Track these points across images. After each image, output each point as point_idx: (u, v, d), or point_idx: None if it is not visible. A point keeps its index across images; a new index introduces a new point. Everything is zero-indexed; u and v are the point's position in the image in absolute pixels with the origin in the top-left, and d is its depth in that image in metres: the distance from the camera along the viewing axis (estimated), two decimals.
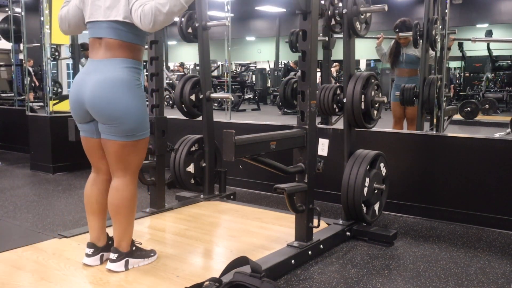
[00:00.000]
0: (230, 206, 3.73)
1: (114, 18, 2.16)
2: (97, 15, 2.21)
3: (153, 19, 2.03)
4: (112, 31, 2.18)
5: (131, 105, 2.21)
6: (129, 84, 2.21)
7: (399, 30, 5.05)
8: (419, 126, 4.58)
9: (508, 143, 3.43)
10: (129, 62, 2.23)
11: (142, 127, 2.29)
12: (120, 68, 2.20)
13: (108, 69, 2.19)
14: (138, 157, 2.34)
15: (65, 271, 2.44)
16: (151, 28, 2.08)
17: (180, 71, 17.63)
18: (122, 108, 2.18)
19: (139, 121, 2.26)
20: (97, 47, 2.24)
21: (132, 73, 2.23)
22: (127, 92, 2.19)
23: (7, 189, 4.58)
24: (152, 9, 2.02)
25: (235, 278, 2.12)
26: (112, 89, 2.17)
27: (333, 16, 3.18)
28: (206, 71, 3.88)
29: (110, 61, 2.20)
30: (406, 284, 2.51)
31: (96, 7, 2.21)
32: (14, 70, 8.04)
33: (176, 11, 2.06)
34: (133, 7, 2.09)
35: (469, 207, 3.48)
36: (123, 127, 2.21)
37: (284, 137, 2.67)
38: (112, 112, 2.18)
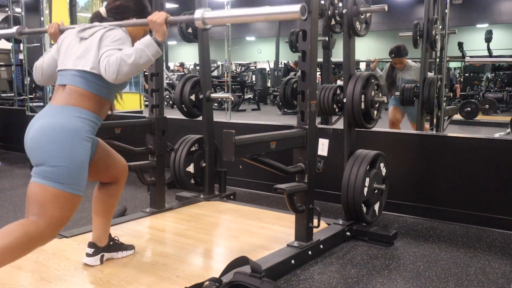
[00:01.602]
0: (230, 206, 3.73)
1: (82, 67, 2.07)
2: (67, 63, 2.13)
3: (117, 70, 1.92)
4: (78, 79, 2.07)
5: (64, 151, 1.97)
6: (73, 132, 2.00)
7: (394, 55, 5.05)
8: (419, 126, 4.58)
9: (508, 143, 3.43)
10: (85, 113, 2.05)
11: (71, 179, 1.98)
12: (71, 116, 2.02)
13: (58, 115, 2.02)
14: (57, 211, 1.97)
15: (65, 271, 2.44)
16: (115, 79, 1.94)
17: (180, 71, 17.63)
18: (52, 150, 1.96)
19: (68, 170, 1.97)
20: (59, 93, 2.11)
21: (83, 124, 2.03)
22: (66, 139, 1.98)
23: (7, 189, 4.58)
24: (117, 60, 1.93)
25: (235, 278, 2.12)
26: (50, 133, 1.98)
27: (333, 16, 3.18)
28: (206, 71, 3.88)
29: (64, 107, 2.04)
30: (406, 284, 2.51)
31: (68, 56, 2.14)
32: (14, 70, 8.04)
33: (141, 63, 1.96)
34: (100, 58, 2.00)
35: (469, 207, 3.48)
36: (48, 168, 1.96)
37: (284, 137, 2.67)
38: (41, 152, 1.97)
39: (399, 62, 5.06)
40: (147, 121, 3.48)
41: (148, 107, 3.57)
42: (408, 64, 5.07)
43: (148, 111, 3.57)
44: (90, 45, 2.08)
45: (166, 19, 2.03)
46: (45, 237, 2.00)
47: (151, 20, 2.05)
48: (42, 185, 1.96)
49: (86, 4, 8.99)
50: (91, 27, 2.14)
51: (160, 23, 2.03)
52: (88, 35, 2.11)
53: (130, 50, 1.96)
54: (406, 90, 4.69)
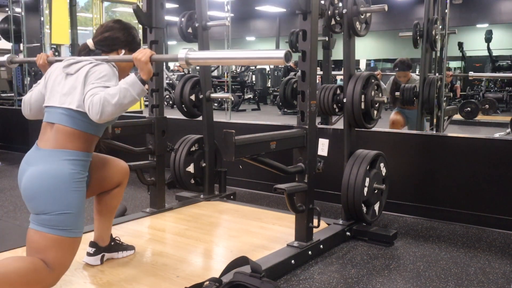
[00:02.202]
0: (230, 206, 3.73)
1: (68, 106, 2.03)
2: (54, 100, 2.09)
3: (100, 110, 1.88)
4: (65, 118, 2.03)
5: (59, 201, 1.96)
6: (65, 178, 1.98)
7: (398, 69, 5.04)
8: (419, 126, 4.58)
9: (508, 143, 3.43)
10: (74, 154, 2.02)
11: (69, 224, 1.98)
12: (60, 161, 1.99)
13: (47, 161, 1.99)
14: (59, 256, 1.97)
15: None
16: (99, 119, 1.90)
17: (180, 71, 17.63)
18: (48, 201, 1.95)
19: (65, 216, 1.97)
20: (47, 132, 2.08)
21: (73, 166, 2.01)
22: (59, 188, 1.97)
23: (7, 189, 4.58)
24: (100, 100, 1.88)
25: (235, 278, 2.12)
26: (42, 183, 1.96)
27: (333, 16, 3.18)
28: (206, 71, 3.88)
29: (53, 152, 2.01)
30: (406, 284, 2.51)
31: (54, 92, 2.10)
32: (14, 70, 8.04)
33: (125, 103, 1.92)
34: (85, 96, 1.96)
35: (469, 207, 3.48)
36: (45, 217, 1.95)
37: (284, 137, 2.67)
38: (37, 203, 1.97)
39: (403, 75, 5.04)
40: (147, 121, 3.48)
41: (148, 107, 3.56)
42: (412, 77, 5.04)
43: (148, 111, 3.57)
44: (76, 81, 2.03)
45: (150, 57, 1.99)
46: (49, 280, 1.98)
47: (135, 58, 2.01)
48: (42, 233, 1.95)
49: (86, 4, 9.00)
50: (77, 62, 2.08)
51: (144, 61, 1.98)
52: (74, 71, 2.05)
53: (114, 90, 1.91)
54: (406, 90, 4.69)
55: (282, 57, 1.75)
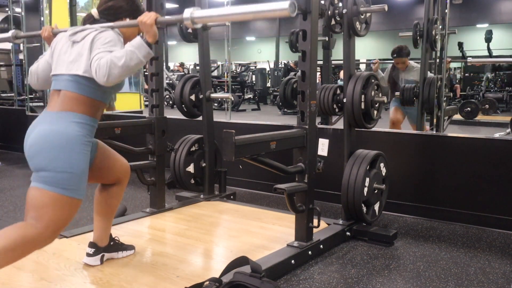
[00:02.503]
0: (230, 206, 3.73)
1: (75, 72, 2.08)
2: (61, 68, 2.14)
3: (107, 72, 1.92)
4: (71, 84, 2.08)
5: (63, 158, 1.99)
6: (71, 138, 2.02)
7: (396, 56, 5.05)
8: (419, 126, 4.58)
9: (508, 143, 3.43)
10: (81, 117, 2.07)
11: (71, 184, 2.00)
12: (67, 122, 2.04)
13: (55, 121, 2.04)
14: (56, 214, 1.98)
15: (65, 271, 2.44)
16: (106, 81, 1.94)
17: (180, 71, 17.63)
18: (52, 157, 1.98)
19: (68, 175, 1.99)
20: (55, 99, 2.12)
21: (80, 128, 2.05)
22: (65, 146, 2.00)
23: (7, 189, 4.58)
24: (107, 62, 1.93)
25: (235, 278, 2.12)
26: (49, 139, 1.99)
27: (333, 16, 3.18)
28: (206, 71, 3.88)
29: (60, 114, 2.06)
30: (406, 284, 2.51)
31: (61, 61, 2.15)
32: (14, 70, 8.04)
33: (132, 65, 1.96)
34: (92, 60, 2.00)
35: (469, 207, 3.48)
36: (47, 174, 1.98)
37: (284, 137, 2.67)
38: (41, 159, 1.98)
39: (401, 62, 5.05)
40: (147, 121, 3.48)
41: (148, 107, 3.57)
42: (410, 65, 5.06)
43: (148, 111, 3.57)
44: (82, 48, 2.07)
45: (155, 19, 2.02)
46: (43, 241, 2.00)
47: (140, 21, 2.03)
48: (42, 190, 1.97)
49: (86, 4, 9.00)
50: (83, 30, 2.12)
51: (150, 24, 2.01)
52: (80, 38, 2.10)
53: (121, 53, 1.95)
54: (406, 90, 4.69)
55: (286, 8, 1.73)
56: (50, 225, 1.98)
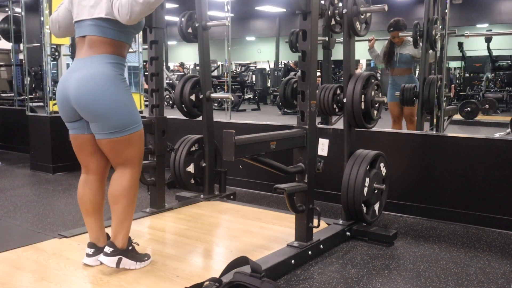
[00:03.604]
0: (230, 206, 3.73)
1: (97, 15, 2.20)
2: (82, 14, 2.26)
3: (129, 10, 2.07)
4: (95, 28, 2.22)
5: (115, 99, 2.22)
6: (112, 78, 2.23)
7: (393, 29, 5.06)
8: (419, 126, 4.58)
9: (508, 143, 3.43)
10: (112, 58, 2.25)
11: (131, 121, 2.29)
12: (103, 64, 2.22)
13: (91, 65, 2.21)
14: (134, 151, 2.34)
15: (65, 271, 2.44)
16: (129, 20, 2.10)
17: (180, 71, 17.63)
18: (106, 103, 2.20)
19: (126, 115, 2.27)
20: (81, 45, 2.28)
21: (115, 68, 2.25)
22: (110, 86, 2.21)
23: (7, 189, 4.58)
24: (129, 1, 2.07)
25: (235, 278, 2.12)
26: (94, 84, 2.19)
27: (333, 16, 3.18)
28: (206, 71, 3.88)
29: (93, 58, 2.22)
30: (406, 284, 2.51)
31: (82, 7, 2.26)
32: (14, 70, 8.04)
33: (152, 1, 2.09)
34: (113, 1, 2.14)
35: (469, 207, 3.48)
36: (110, 123, 2.23)
37: (284, 137, 2.67)
38: (97, 107, 2.20)
39: (398, 36, 5.06)
40: (147, 121, 3.48)
41: (148, 107, 3.56)
42: (406, 39, 5.08)
43: (148, 111, 3.57)
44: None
45: None
46: (138, 176, 2.41)
47: None
48: (114, 139, 2.25)
49: None
50: None
51: None
52: None
53: None
54: (406, 90, 4.69)
55: None
56: (135, 161, 2.36)
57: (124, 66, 2.33)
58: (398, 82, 5.09)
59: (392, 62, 5.16)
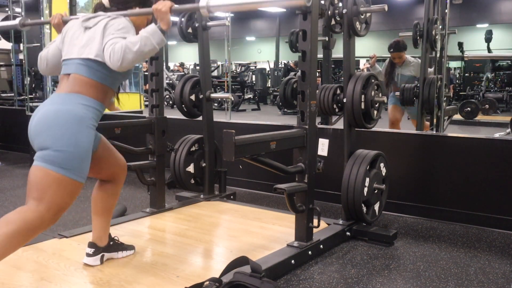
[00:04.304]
0: (230, 206, 3.73)
1: (87, 56, 2.10)
2: (72, 53, 2.16)
3: (122, 57, 1.96)
4: (82, 68, 2.10)
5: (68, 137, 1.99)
6: (78, 119, 2.03)
7: (393, 50, 5.06)
8: (419, 126, 4.58)
9: (508, 143, 3.43)
10: (89, 100, 2.08)
11: (74, 165, 2.00)
12: (77, 104, 2.06)
13: (63, 102, 2.06)
14: (58, 195, 1.98)
15: (65, 271, 2.44)
16: (120, 66, 1.98)
17: (180, 71, 17.63)
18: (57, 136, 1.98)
19: (72, 156, 1.99)
20: (64, 82, 2.14)
21: (87, 111, 2.06)
22: (71, 125, 2.00)
23: (7, 189, 4.58)
24: (122, 47, 1.96)
25: (235, 278, 2.12)
26: (55, 118, 2.00)
27: (333, 16, 3.18)
28: (206, 71, 3.88)
29: (69, 95, 2.08)
30: (406, 284, 2.51)
31: (72, 45, 2.17)
32: (14, 70, 8.04)
33: (146, 51, 2.00)
34: (105, 46, 2.03)
35: (469, 207, 3.48)
36: (51, 152, 1.97)
37: (284, 137, 2.67)
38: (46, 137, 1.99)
39: (398, 57, 5.07)
40: (147, 121, 3.48)
41: (148, 107, 3.57)
42: (407, 59, 5.08)
43: (148, 111, 3.57)
44: (95, 33, 2.12)
45: (170, 7, 2.07)
46: (45, 223, 2.00)
47: (156, 8, 2.09)
48: (45, 169, 1.98)
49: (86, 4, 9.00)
50: (95, 16, 2.17)
51: (165, 11, 2.07)
52: (93, 24, 2.14)
53: (135, 38, 2.00)
54: (406, 90, 4.69)
55: None
56: (51, 207, 1.98)
57: (101, 113, 2.15)
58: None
59: (393, 83, 5.16)
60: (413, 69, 5.01)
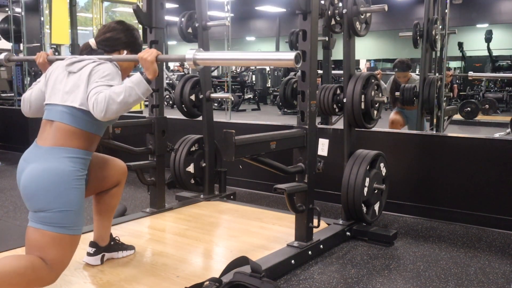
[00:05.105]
0: (230, 206, 3.73)
1: (71, 104, 2.02)
2: (55, 98, 2.08)
3: (105, 108, 1.88)
4: (65, 116, 2.02)
5: (59, 199, 1.96)
6: (65, 175, 1.98)
7: (398, 69, 5.06)
8: (419, 126, 4.58)
9: (508, 143, 3.43)
10: (74, 152, 2.01)
11: (69, 221, 1.98)
12: (61, 158, 1.99)
13: (47, 159, 1.98)
14: (58, 254, 1.97)
15: (65, 271, 2.41)
16: (103, 117, 1.90)
17: (180, 71, 17.63)
18: (48, 199, 1.94)
19: (65, 214, 1.97)
20: (47, 130, 2.07)
21: (72, 164, 2.00)
22: (58, 186, 1.96)
23: (7, 189, 4.58)
24: (105, 98, 1.88)
25: (235, 278, 2.12)
26: (42, 180, 1.95)
27: (333, 16, 3.18)
28: (206, 71, 3.88)
29: (53, 149, 2.00)
30: (406, 284, 2.51)
31: (56, 90, 2.09)
32: (14, 70, 8.04)
33: (131, 101, 1.92)
34: (89, 94, 1.94)
35: (469, 207, 3.48)
36: (45, 215, 1.94)
37: (284, 137, 2.67)
38: (37, 201, 1.95)
39: (403, 76, 5.05)
40: (147, 121, 3.48)
41: (148, 107, 3.56)
42: (412, 77, 5.06)
43: (148, 111, 3.57)
44: (79, 80, 2.02)
45: (156, 57, 1.99)
46: (48, 278, 1.99)
47: (141, 57, 2.00)
48: (41, 230, 1.94)
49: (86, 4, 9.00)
50: (80, 60, 2.07)
51: (150, 61, 1.98)
52: (77, 69, 2.05)
53: (119, 88, 1.91)
54: (406, 90, 4.69)
55: (292, 59, 1.75)
56: (54, 264, 1.97)
57: (88, 160, 2.09)
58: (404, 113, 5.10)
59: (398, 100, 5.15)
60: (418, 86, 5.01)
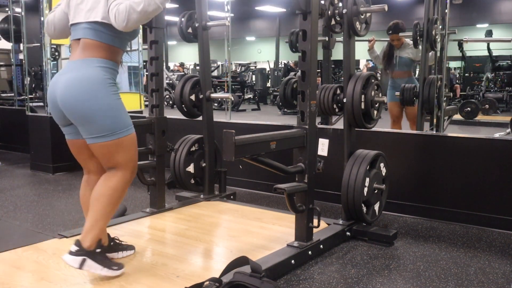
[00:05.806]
0: (230, 206, 3.73)
1: (93, 19, 2.20)
2: (79, 17, 2.25)
3: (126, 17, 2.07)
4: (90, 32, 2.21)
5: (101, 103, 2.17)
6: (100, 82, 2.18)
7: (392, 32, 5.07)
8: (419, 126, 4.58)
9: (508, 143, 3.43)
10: (103, 62, 2.22)
11: (120, 125, 2.24)
12: (92, 67, 2.19)
13: (80, 68, 2.19)
14: (125, 155, 2.27)
15: (65, 271, 2.44)
16: (125, 27, 2.10)
17: (180, 71, 17.63)
18: (92, 106, 2.15)
19: (114, 118, 2.21)
20: (75, 48, 2.26)
21: (104, 72, 2.21)
22: (97, 90, 2.16)
23: (7, 189, 4.58)
24: (126, 8, 2.07)
25: (235, 278, 2.12)
26: (81, 87, 2.15)
27: (333, 16, 3.18)
28: (206, 71, 3.88)
29: (84, 60, 2.20)
30: (406, 284, 2.51)
31: (79, 10, 2.25)
32: (14, 70, 8.03)
33: (150, 10, 2.11)
34: (110, 7, 2.13)
35: (469, 207, 3.48)
36: (97, 127, 2.18)
37: (284, 137, 2.67)
38: (82, 110, 2.16)
39: (397, 39, 5.07)
40: (147, 121, 3.48)
41: (148, 107, 3.57)
42: (405, 42, 5.09)
43: (148, 111, 3.57)
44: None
45: None
46: (128, 181, 2.32)
47: None
48: (103, 143, 2.20)
49: None
50: None
51: None
52: None
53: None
54: (406, 90, 4.69)
55: None
56: (127, 165, 2.28)
57: (116, 72, 2.29)
58: (398, 84, 5.09)
59: (391, 65, 5.18)
60: (411, 51, 5.02)
